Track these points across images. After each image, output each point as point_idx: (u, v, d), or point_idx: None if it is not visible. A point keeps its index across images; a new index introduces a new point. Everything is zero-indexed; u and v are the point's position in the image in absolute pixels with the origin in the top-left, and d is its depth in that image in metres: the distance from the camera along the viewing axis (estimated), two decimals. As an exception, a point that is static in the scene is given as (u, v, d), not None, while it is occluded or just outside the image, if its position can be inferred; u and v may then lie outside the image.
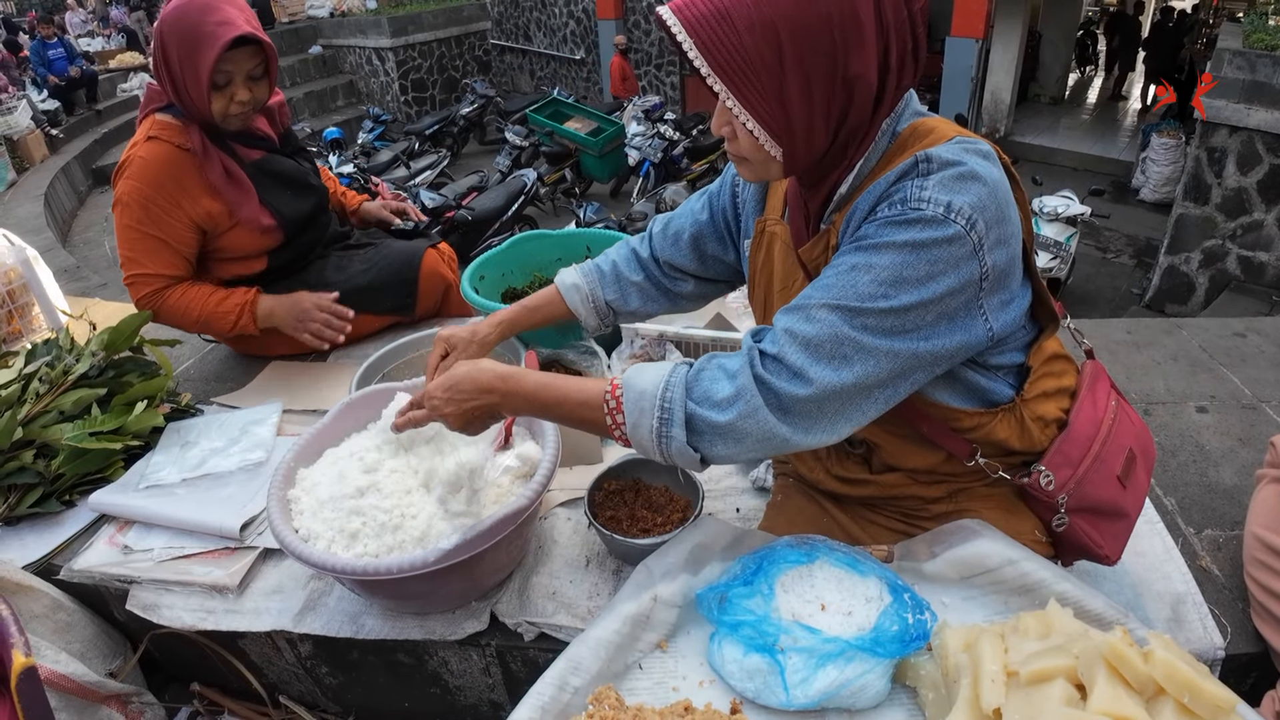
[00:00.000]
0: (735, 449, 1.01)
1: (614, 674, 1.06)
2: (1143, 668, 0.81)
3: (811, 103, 0.95)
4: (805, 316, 0.98)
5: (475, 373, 1.14)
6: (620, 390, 1.06)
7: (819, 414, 0.98)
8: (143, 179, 2.01)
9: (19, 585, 1.56)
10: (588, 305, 1.49)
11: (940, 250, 0.93)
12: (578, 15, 14.67)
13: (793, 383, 0.97)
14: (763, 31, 0.91)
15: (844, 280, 0.97)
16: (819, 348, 0.96)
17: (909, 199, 0.95)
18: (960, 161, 0.96)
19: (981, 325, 1.00)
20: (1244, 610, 1.40)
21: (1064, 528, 1.20)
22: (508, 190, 8.10)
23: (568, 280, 1.50)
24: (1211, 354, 2.27)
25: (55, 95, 11.08)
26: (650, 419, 1.02)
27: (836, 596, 1.05)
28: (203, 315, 2.11)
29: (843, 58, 0.93)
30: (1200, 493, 1.72)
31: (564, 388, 1.11)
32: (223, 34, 1.90)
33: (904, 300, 0.94)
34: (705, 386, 1.02)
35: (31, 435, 1.80)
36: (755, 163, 1.04)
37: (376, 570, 1.19)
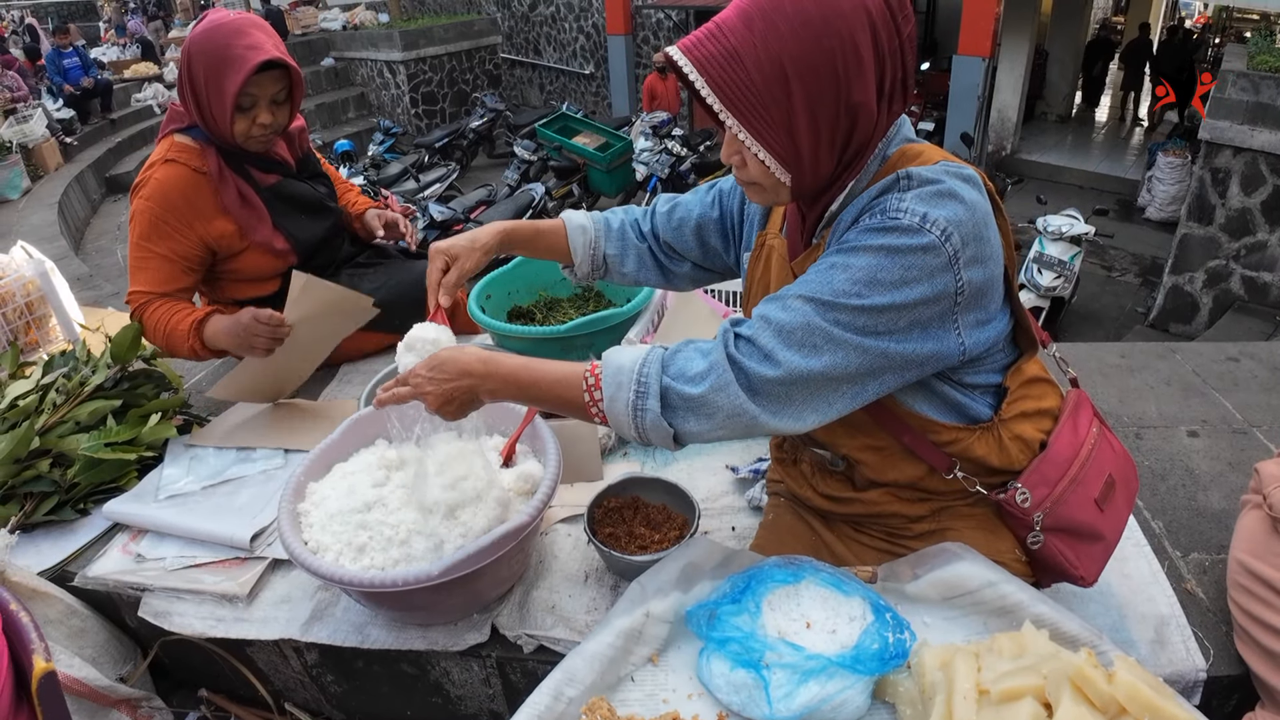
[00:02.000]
0: (706, 424, 1.05)
1: (607, 686, 1.10)
2: (1106, 688, 0.85)
3: (818, 131, 1.01)
4: (781, 305, 1.03)
5: (458, 353, 1.18)
6: (599, 368, 1.10)
7: (786, 398, 1.03)
8: (155, 199, 2.05)
9: (34, 591, 1.60)
10: (587, 250, 1.52)
11: (914, 257, 0.98)
12: (587, 31, 14.78)
13: (763, 364, 1.02)
14: (770, 67, 0.97)
15: (822, 277, 1.02)
16: (790, 334, 1.01)
17: (888, 209, 1.01)
18: (940, 180, 1.01)
19: (954, 339, 1.05)
20: (1227, 633, 1.42)
21: (1039, 546, 1.23)
22: (516, 204, 8.17)
23: (575, 220, 1.52)
24: (1204, 378, 2.30)
25: (70, 104, 11.19)
26: (627, 392, 1.06)
27: (821, 615, 1.09)
28: (165, 335, 2.06)
29: (845, 88, 0.99)
30: (1188, 516, 1.74)
31: (542, 368, 1.14)
32: (251, 58, 1.95)
33: (876, 300, 0.99)
34: (680, 364, 1.06)
35: (48, 445, 1.85)
36: (766, 188, 1.10)
37: (382, 582, 1.23)
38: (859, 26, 0.97)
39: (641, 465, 1.87)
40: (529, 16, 15.75)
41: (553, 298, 2.37)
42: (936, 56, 11.96)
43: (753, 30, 0.97)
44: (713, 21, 1.01)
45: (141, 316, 2.09)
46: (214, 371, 2.54)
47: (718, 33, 1.00)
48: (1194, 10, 17.20)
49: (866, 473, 1.26)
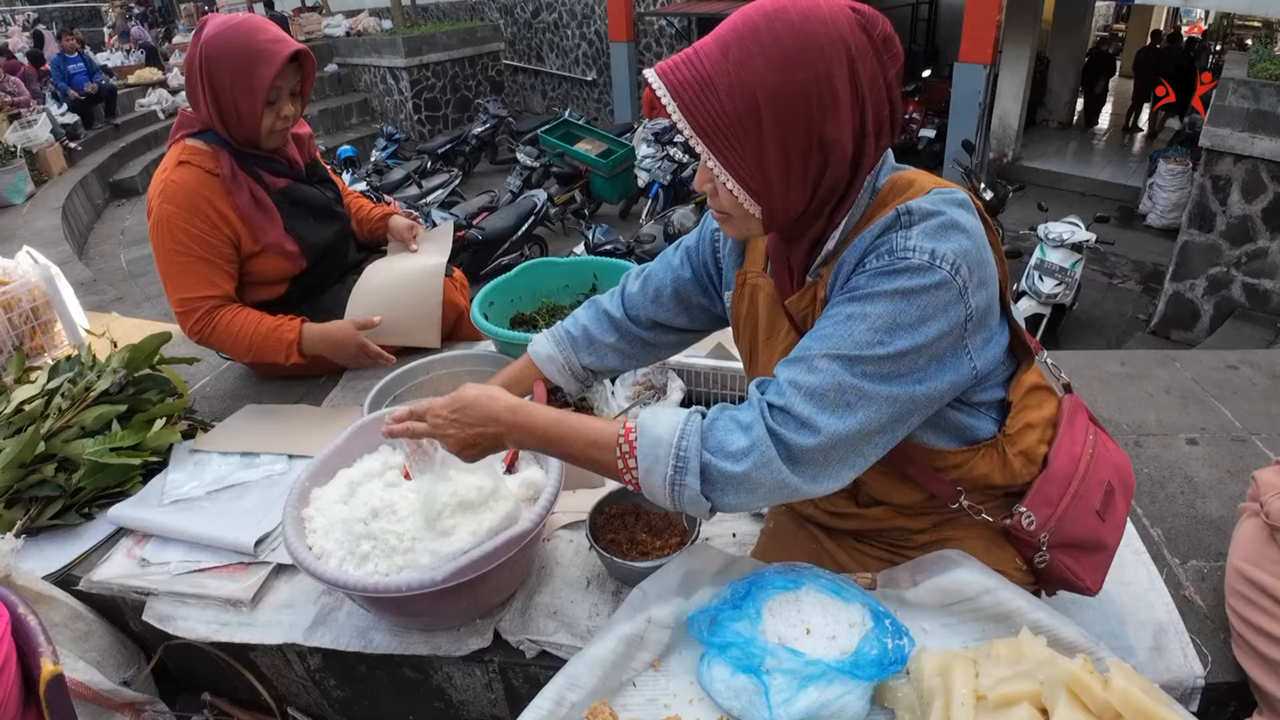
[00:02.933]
0: (747, 499, 1.03)
1: (609, 691, 1.11)
2: (1101, 694, 0.86)
3: (789, 165, 1.00)
4: (807, 367, 1.01)
5: (485, 400, 1.15)
6: (634, 435, 1.07)
7: (825, 462, 1.01)
8: (179, 202, 2.05)
9: (39, 595, 1.61)
10: (565, 374, 1.49)
11: (929, 296, 0.98)
12: (590, 37, 14.83)
13: (800, 433, 1.00)
14: (742, 97, 0.96)
15: (841, 330, 1.01)
16: (823, 397, 1.00)
17: (895, 249, 0.99)
18: (940, 211, 1.01)
19: (967, 364, 1.05)
20: (1225, 641, 1.42)
21: (1046, 564, 1.23)
22: (518, 210, 8.18)
23: (542, 352, 1.49)
24: (1204, 386, 2.31)
25: (74, 109, 11.23)
26: (665, 466, 1.04)
27: (821, 621, 1.10)
28: (252, 346, 2.14)
29: (818, 123, 0.98)
30: (1187, 524, 1.75)
31: (575, 426, 1.12)
32: (281, 50, 2.00)
33: (899, 346, 0.98)
34: (720, 437, 1.04)
35: (54, 449, 1.86)
36: (736, 219, 1.09)
37: (386, 588, 1.24)
38: (835, 61, 0.96)
39: (643, 471, 1.87)
40: (532, 23, 15.80)
41: (555, 305, 2.38)
42: (938, 64, 12.00)
43: (728, 58, 0.96)
44: (692, 47, 1.01)
45: (210, 327, 2.11)
46: (218, 377, 2.55)
47: (694, 58, 0.99)
48: (1195, 17, 17.25)
49: (871, 492, 1.27)
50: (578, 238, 7.93)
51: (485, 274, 7.45)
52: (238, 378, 2.54)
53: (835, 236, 1.09)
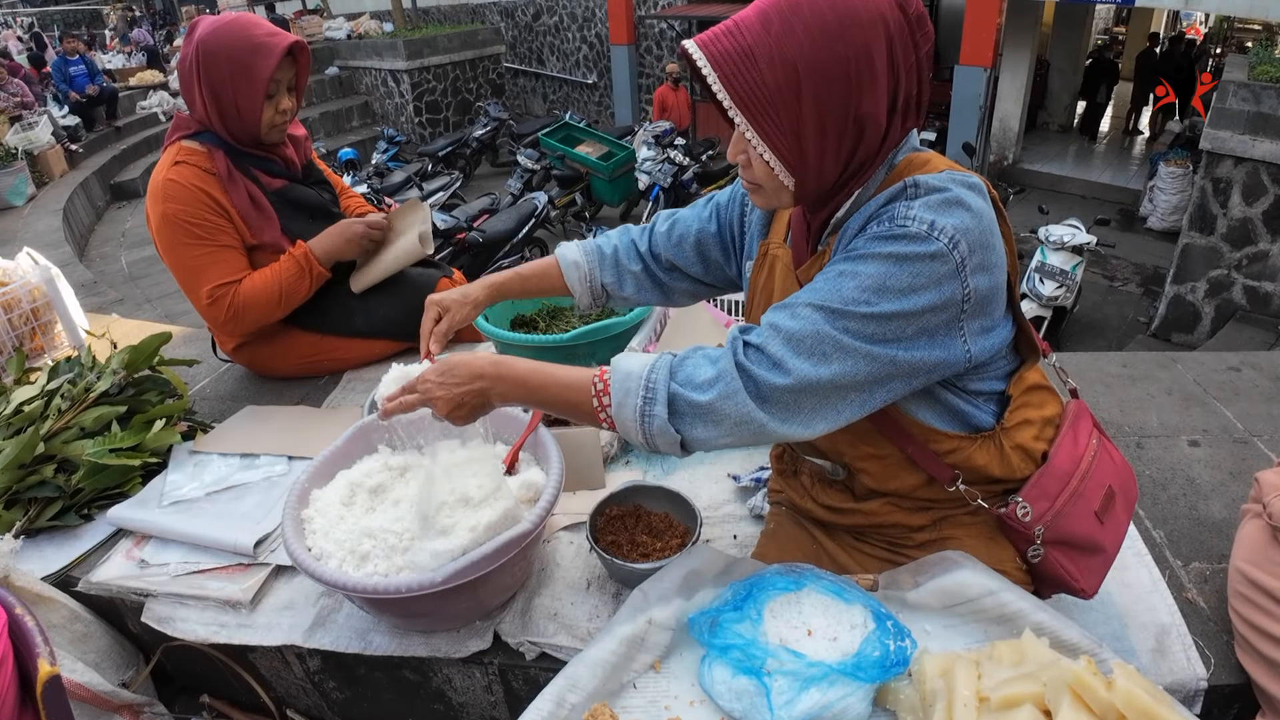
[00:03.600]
0: (713, 431, 1.05)
1: (609, 692, 1.11)
2: (1105, 695, 0.86)
3: (825, 138, 1.01)
4: (790, 313, 1.03)
5: (471, 359, 1.18)
6: (608, 373, 1.10)
7: (795, 406, 1.03)
8: (184, 199, 2.06)
9: (38, 596, 1.60)
10: (584, 284, 1.52)
11: (922, 265, 0.98)
12: (590, 40, 14.86)
13: (772, 372, 1.02)
14: (783, 69, 0.97)
15: (830, 285, 1.02)
16: (800, 342, 1.01)
17: (896, 217, 1.01)
18: (947, 188, 1.02)
19: (960, 347, 1.05)
20: (1228, 643, 1.42)
21: (1039, 559, 1.23)
22: (519, 213, 8.18)
23: (569, 256, 1.53)
24: (1205, 388, 2.31)
25: (76, 111, 11.26)
26: (635, 398, 1.06)
27: (822, 623, 1.10)
28: (281, 292, 2.17)
29: (855, 97, 0.99)
30: (1189, 526, 1.75)
31: (552, 372, 1.15)
32: (279, 42, 2.02)
33: (885, 308, 0.99)
34: (689, 370, 1.07)
35: (53, 450, 1.86)
36: (768, 190, 1.10)
37: (386, 589, 1.24)
38: (875, 38, 0.98)
39: (644, 473, 1.87)
40: (532, 26, 15.83)
41: (556, 306, 2.38)
42: (938, 66, 12.01)
43: (769, 31, 0.98)
44: (731, 19, 1.02)
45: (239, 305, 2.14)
46: (218, 378, 2.55)
47: (734, 30, 1.00)
48: (1194, 19, 17.28)
49: (867, 482, 1.27)
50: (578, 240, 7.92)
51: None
52: (237, 379, 2.54)
53: (847, 206, 1.11)
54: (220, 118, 2.08)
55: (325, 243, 2.24)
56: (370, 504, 1.47)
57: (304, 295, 2.24)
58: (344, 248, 2.27)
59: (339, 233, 2.26)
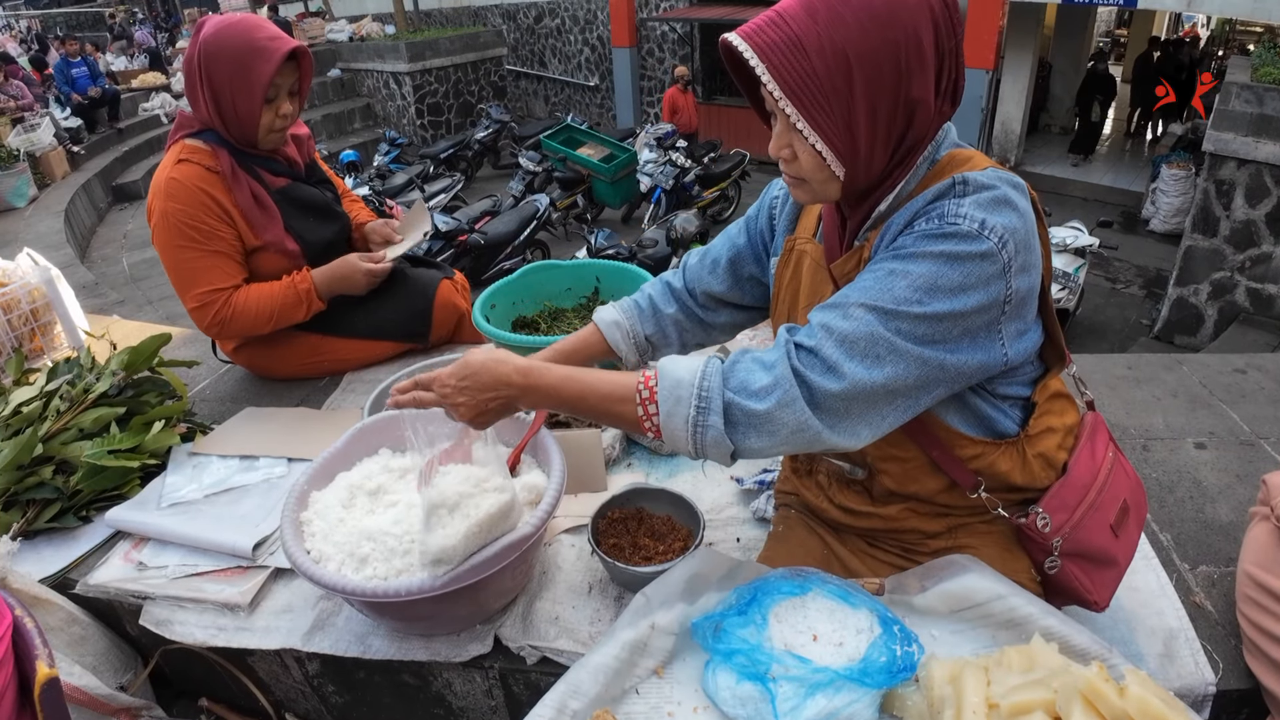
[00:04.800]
0: (768, 441, 1.01)
1: (612, 698, 1.09)
2: (1117, 702, 0.84)
3: (876, 125, 1.00)
4: (842, 314, 1.01)
5: (494, 364, 1.12)
6: (654, 381, 1.05)
7: (845, 412, 1.00)
8: (183, 199, 2.05)
9: (36, 598, 1.59)
10: (629, 341, 1.45)
11: (973, 264, 0.97)
12: (592, 43, 14.87)
13: (826, 376, 0.99)
14: (833, 58, 0.96)
15: (881, 283, 1.00)
16: (854, 344, 0.99)
17: (946, 215, 0.99)
18: (995, 186, 1.01)
19: (999, 349, 1.04)
20: (1236, 647, 1.41)
21: (1056, 570, 1.22)
22: (520, 215, 8.19)
23: (608, 318, 1.46)
24: (1211, 390, 2.29)
25: (78, 113, 11.26)
26: (686, 408, 1.02)
27: (828, 627, 1.08)
28: (274, 313, 2.18)
29: (906, 82, 0.99)
30: (1196, 529, 1.73)
31: (590, 381, 1.09)
32: (279, 47, 2.01)
33: (936, 308, 0.98)
34: (742, 376, 1.02)
35: (51, 452, 1.85)
36: (815, 184, 1.07)
37: (385, 592, 1.22)
38: (923, 22, 0.97)
39: (646, 476, 1.86)
40: (534, 29, 15.85)
41: (557, 308, 2.37)
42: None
43: (816, 20, 0.96)
44: (773, 10, 1.00)
45: (227, 315, 2.13)
46: (217, 380, 2.54)
47: (779, 20, 0.98)
48: (1195, 22, 17.28)
49: (888, 483, 1.25)
50: (580, 242, 7.94)
51: (487, 278, 7.45)
52: (237, 380, 2.53)
53: (889, 200, 1.09)
54: (221, 118, 2.07)
55: (328, 279, 2.24)
56: (370, 506, 1.45)
57: (297, 320, 2.25)
58: (346, 288, 2.27)
59: (344, 273, 2.26)
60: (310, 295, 2.21)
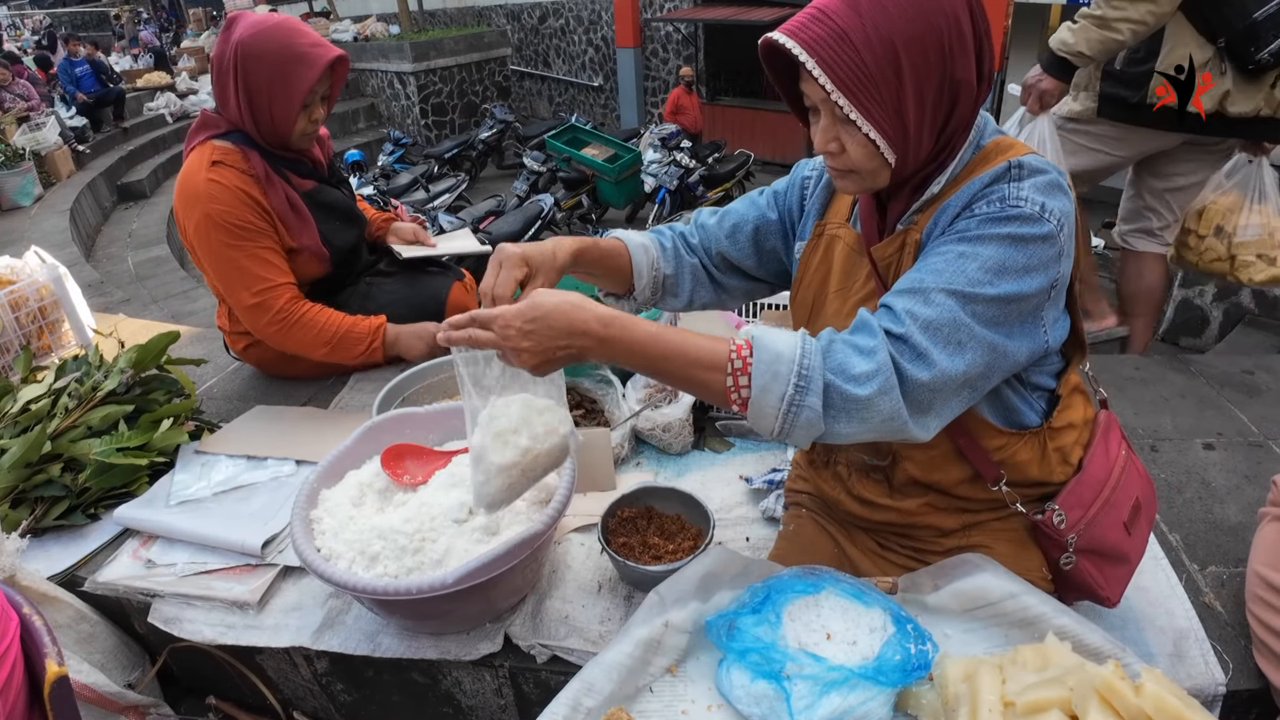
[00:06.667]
0: (859, 428, 0.99)
1: (625, 696, 1.09)
2: (1134, 700, 0.84)
3: (924, 109, 1.02)
4: (924, 300, 1.00)
5: (571, 309, 1.02)
6: (748, 351, 1.00)
7: (929, 402, 0.99)
8: (228, 201, 2.03)
9: (44, 595, 1.59)
10: (650, 270, 1.38)
11: (1036, 247, 0.99)
12: (596, 43, 14.86)
13: (916, 364, 0.98)
14: (881, 47, 0.97)
15: (953, 266, 1.01)
16: (938, 330, 0.99)
17: (1008, 198, 1.01)
18: (1049, 170, 1.03)
19: (1041, 334, 1.06)
20: (1246, 647, 1.41)
21: (1071, 566, 1.23)
22: (525, 215, 8.19)
23: (635, 240, 1.38)
24: (1220, 391, 2.29)
25: (83, 112, 11.27)
26: (785, 385, 0.97)
27: (842, 626, 1.08)
28: (336, 337, 2.16)
29: (950, 65, 1.00)
30: (1205, 529, 1.73)
31: (678, 342, 1.02)
32: (322, 54, 2.00)
33: (1005, 289, 0.99)
34: (840, 359, 0.99)
35: (60, 449, 1.85)
36: (865, 173, 1.08)
37: (396, 590, 1.22)
38: (960, 5, 1.00)
39: (655, 475, 1.86)
40: (539, 29, 15.84)
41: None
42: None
43: (859, 12, 0.98)
44: (813, 6, 1.02)
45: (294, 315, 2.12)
46: (225, 378, 2.54)
47: (822, 16, 0.99)
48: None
49: (911, 471, 1.24)
50: (584, 242, 7.92)
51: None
52: (245, 379, 2.53)
53: (941, 181, 1.09)
54: (254, 120, 2.06)
55: (402, 335, 2.26)
56: (380, 504, 1.45)
57: (351, 359, 2.23)
58: (413, 346, 2.27)
59: (418, 334, 2.27)
60: (377, 336, 2.21)
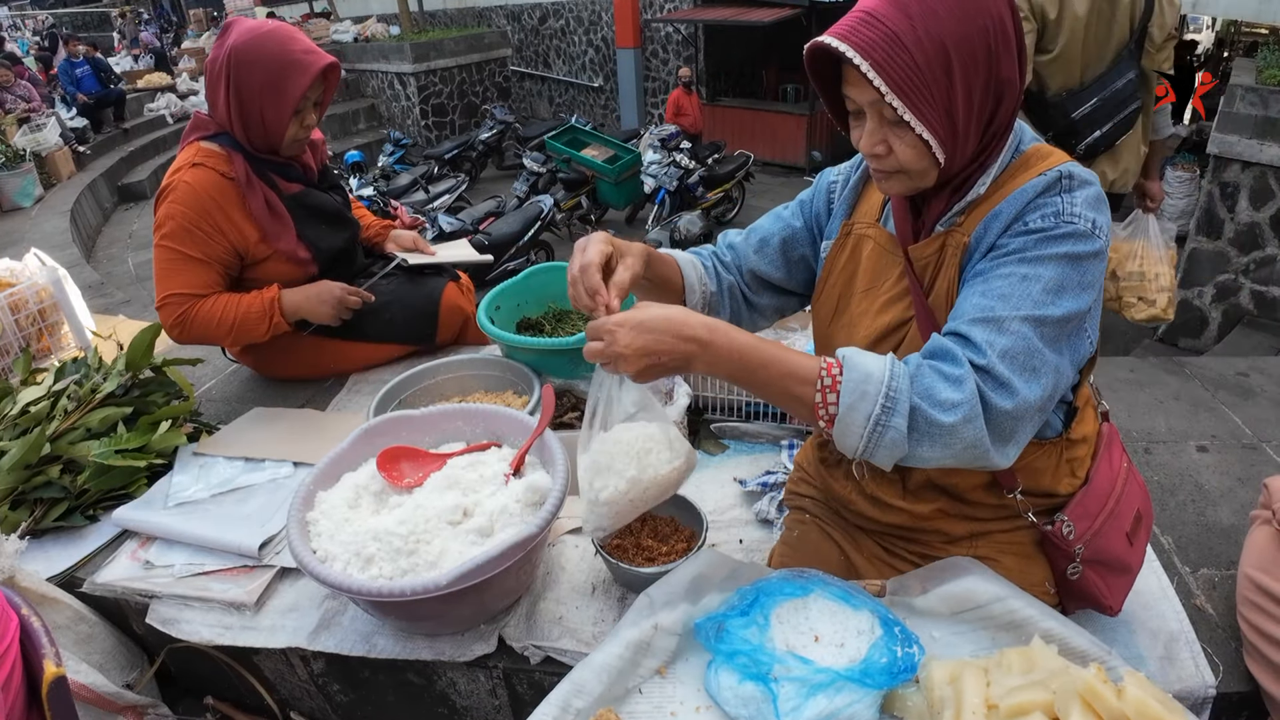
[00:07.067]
0: (941, 453, 1.00)
1: (615, 697, 1.10)
2: (1115, 703, 0.85)
3: (972, 109, 1.04)
4: (999, 329, 1.01)
5: (679, 317, 1.05)
6: (838, 369, 1.02)
7: (1010, 431, 1.01)
8: (187, 203, 2.05)
9: (43, 597, 1.60)
10: (700, 285, 1.39)
11: (1090, 263, 1.03)
12: (597, 44, 14.87)
13: (999, 393, 0.99)
14: (931, 48, 1.00)
15: (1020, 290, 1.03)
16: (1015, 358, 1.01)
17: (1062, 212, 1.03)
18: (1093, 182, 1.06)
19: (1084, 348, 1.10)
20: (1237, 649, 1.41)
21: (1078, 577, 1.25)
22: (524, 216, 8.19)
23: (682, 255, 1.39)
24: (1214, 393, 2.30)
25: (83, 113, 11.28)
26: (872, 405, 0.99)
27: (829, 628, 1.09)
28: (235, 322, 2.12)
29: (996, 63, 1.03)
30: (1197, 532, 1.74)
31: (774, 353, 1.05)
32: (315, 61, 2.02)
33: (1067, 308, 1.02)
34: (927, 383, 1.00)
35: (59, 451, 1.86)
36: (913, 173, 1.09)
37: (390, 592, 1.23)
38: (1004, 6, 1.03)
39: (649, 476, 1.86)
40: (539, 30, 15.85)
41: (561, 309, 2.37)
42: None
43: (909, 14, 0.99)
44: (861, 10, 1.03)
45: (190, 316, 2.10)
46: (224, 380, 2.55)
47: (872, 20, 1.01)
48: (1201, 25, 17.23)
49: (928, 471, 1.24)
50: (584, 243, 7.91)
51: (491, 279, 7.45)
52: (243, 381, 2.54)
53: (985, 183, 1.11)
54: (243, 125, 2.07)
55: (298, 298, 2.20)
56: (375, 506, 1.46)
57: (259, 337, 2.18)
58: (315, 308, 2.21)
59: (316, 292, 2.21)
60: (273, 308, 2.15)
